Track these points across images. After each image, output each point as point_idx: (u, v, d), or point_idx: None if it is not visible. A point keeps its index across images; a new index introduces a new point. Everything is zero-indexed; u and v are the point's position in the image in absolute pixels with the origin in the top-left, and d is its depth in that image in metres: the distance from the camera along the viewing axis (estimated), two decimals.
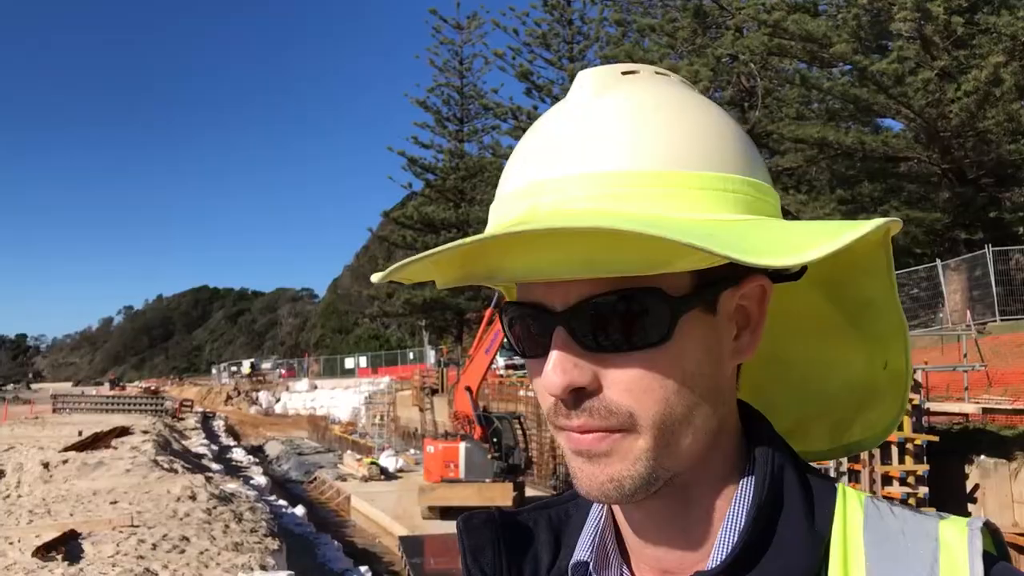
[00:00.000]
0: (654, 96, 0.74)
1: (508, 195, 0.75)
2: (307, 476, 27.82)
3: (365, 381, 48.27)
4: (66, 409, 47.62)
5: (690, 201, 0.68)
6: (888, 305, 0.83)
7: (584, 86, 0.75)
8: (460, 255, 0.73)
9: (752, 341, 0.77)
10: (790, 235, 0.65)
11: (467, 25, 43.98)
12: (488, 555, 0.86)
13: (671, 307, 0.69)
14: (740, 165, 0.73)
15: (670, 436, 0.71)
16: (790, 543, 0.72)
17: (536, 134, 0.76)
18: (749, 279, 0.74)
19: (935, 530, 0.71)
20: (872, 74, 19.17)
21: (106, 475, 17.82)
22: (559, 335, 0.71)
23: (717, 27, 24.85)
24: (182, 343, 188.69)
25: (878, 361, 0.87)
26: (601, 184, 0.69)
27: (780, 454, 0.77)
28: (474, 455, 17.53)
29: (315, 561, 15.05)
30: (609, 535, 0.83)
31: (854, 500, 0.75)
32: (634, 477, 0.71)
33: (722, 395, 0.75)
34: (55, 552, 10.35)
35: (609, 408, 0.70)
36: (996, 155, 20.07)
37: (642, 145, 0.70)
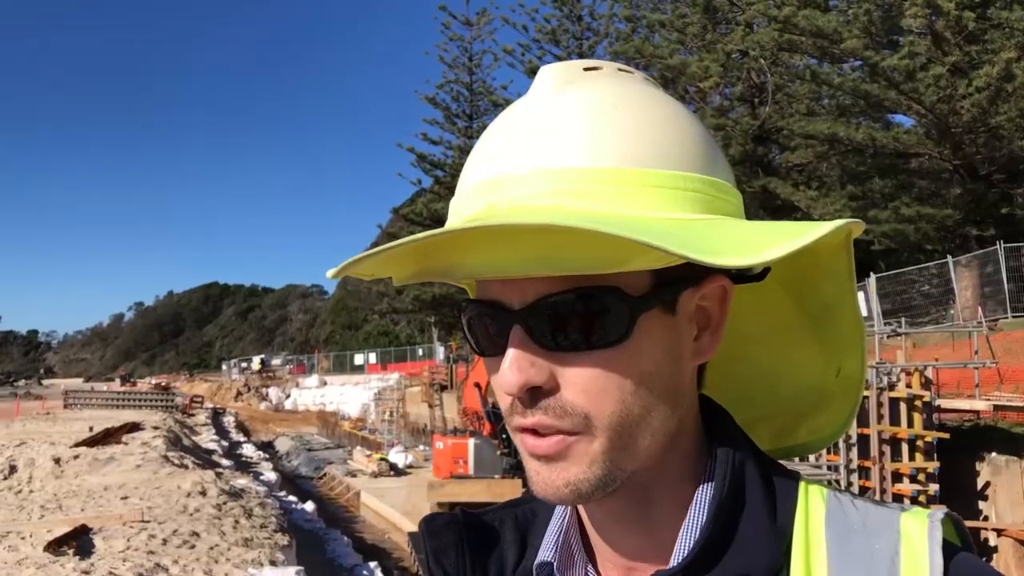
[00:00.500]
0: (614, 93, 0.73)
1: (466, 191, 0.74)
2: (317, 472, 27.90)
3: (375, 377, 48.37)
4: (77, 405, 47.80)
5: (648, 199, 0.68)
6: (846, 310, 0.82)
7: (545, 81, 0.74)
8: (416, 251, 0.73)
9: (712, 342, 0.76)
10: (749, 235, 0.65)
11: (476, 21, 43.89)
12: (451, 556, 0.85)
13: (629, 306, 0.69)
14: (700, 164, 0.72)
15: (627, 438, 0.70)
16: (752, 540, 0.71)
17: (496, 129, 0.75)
18: (710, 279, 0.74)
19: (896, 522, 0.71)
20: (883, 70, 19.09)
21: (117, 470, 17.89)
22: (516, 333, 0.70)
23: (727, 23, 24.79)
24: (192, 339, 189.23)
25: (832, 367, 0.86)
26: (558, 181, 0.68)
27: (741, 451, 0.76)
28: (483, 451, 17.55)
29: (325, 557, 15.08)
30: (574, 534, 0.82)
31: (816, 494, 0.75)
32: (591, 480, 0.70)
33: (681, 396, 0.75)
34: (66, 547, 10.40)
35: (564, 408, 0.69)
36: (1008, 151, 19.97)
37: (600, 142, 0.69)
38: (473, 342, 0.77)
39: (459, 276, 0.73)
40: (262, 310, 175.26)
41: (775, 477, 0.76)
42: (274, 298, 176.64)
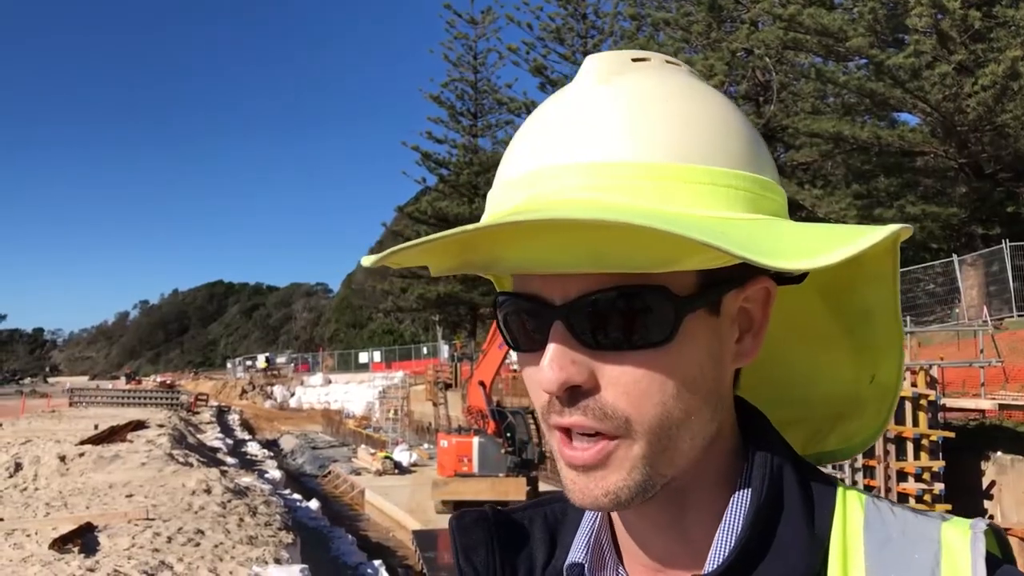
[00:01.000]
0: (662, 86, 0.71)
1: (507, 182, 0.72)
2: (321, 470, 27.94)
3: (379, 375, 48.37)
4: (82, 403, 47.93)
5: (695, 196, 0.66)
6: (887, 316, 0.80)
7: (591, 72, 0.72)
8: (458, 243, 0.70)
9: (754, 345, 0.75)
10: (803, 238, 0.63)
11: (481, 20, 43.87)
12: (481, 554, 0.84)
13: (676, 307, 0.67)
14: (747, 161, 0.70)
15: (667, 442, 0.69)
16: (789, 546, 0.70)
17: (538, 120, 0.73)
18: (753, 281, 0.72)
19: (937, 532, 0.69)
20: (888, 68, 19.04)
21: (122, 468, 17.94)
22: (557, 330, 0.68)
23: (732, 21, 24.75)
24: (197, 337, 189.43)
25: (865, 374, 0.84)
26: (603, 175, 0.66)
27: (779, 454, 0.74)
28: (488, 450, 17.55)
29: (329, 555, 15.11)
30: (605, 535, 0.81)
31: (854, 501, 0.73)
32: (630, 487, 0.69)
33: (722, 399, 0.73)
34: (71, 544, 10.42)
35: (604, 410, 0.68)
36: (1014, 149, 19.90)
37: (647, 136, 0.67)
38: (509, 337, 0.75)
39: (501, 269, 0.70)
40: (267, 308, 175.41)
41: (813, 482, 0.74)
42: (279, 296, 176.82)
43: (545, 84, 36.34)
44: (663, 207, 0.65)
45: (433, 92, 44.24)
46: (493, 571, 0.84)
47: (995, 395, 13.49)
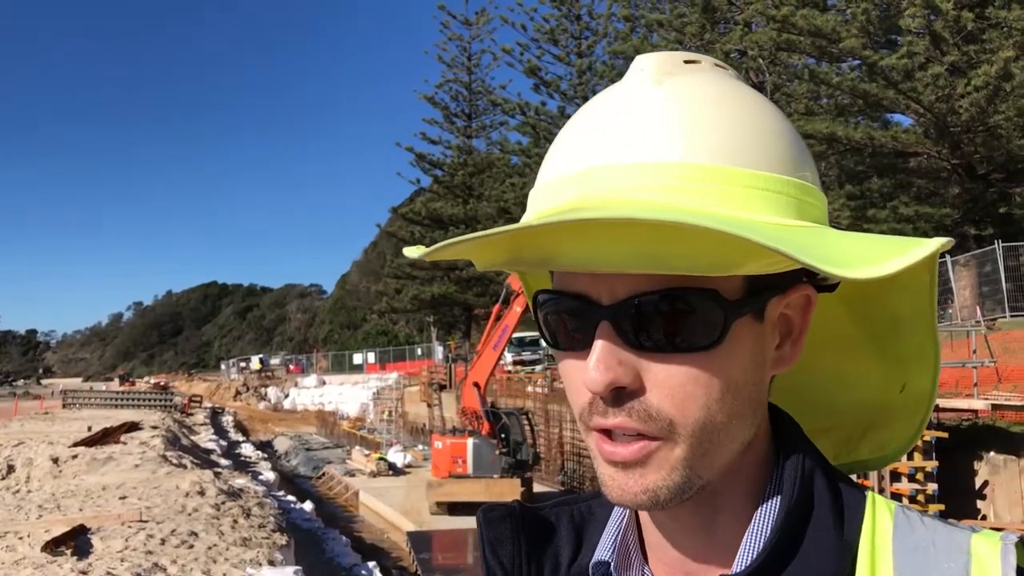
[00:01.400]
0: (714, 89, 0.71)
1: (557, 179, 0.72)
2: (315, 472, 27.89)
3: (373, 377, 48.40)
4: (76, 404, 47.79)
5: (746, 200, 0.66)
6: (921, 325, 0.81)
7: (643, 72, 0.72)
8: (512, 238, 0.71)
9: (793, 352, 0.75)
10: (857, 246, 0.63)
11: (475, 21, 43.92)
12: (507, 548, 0.84)
13: (725, 311, 0.67)
14: (794, 166, 0.71)
15: (708, 445, 0.69)
16: (817, 550, 0.70)
17: (589, 118, 0.73)
18: (795, 288, 0.73)
19: (967, 543, 0.69)
20: (881, 69, 19.10)
21: (115, 470, 17.88)
22: (604, 330, 0.68)
23: (726, 22, 24.80)
24: (191, 339, 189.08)
25: (894, 383, 0.85)
26: (657, 175, 0.66)
27: (810, 460, 0.75)
28: (482, 451, 17.55)
29: (323, 556, 15.08)
30: (632, 535, 0.82)
31: (884, 509, 0.74)
32: (670, 487, 0.69)
33: (761, 404, 0.74)
34: (64, 547, 10.39)
35: (649, 412, 0.68)
36: (1006, 150, 19.98)
37: (701, 138, 0.67)
38: (548, 335, 0.75)
39: (554, 266, 0.70)
40: (260, 309, 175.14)
41: (843, 489, 0.75)
42: (272, 297, 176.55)
43: (539, 85, 36.39)
44: (719, 210, 0.65)
45: (427, 93, 44.38)
46: (518, 565, 0.84)
47: (988, 395, 13.52)
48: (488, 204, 38.98)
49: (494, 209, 37.20)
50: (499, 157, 39.98)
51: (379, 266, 72.49)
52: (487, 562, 0.85)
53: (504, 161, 39.15)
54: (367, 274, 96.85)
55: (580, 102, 36.64)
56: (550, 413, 22.98)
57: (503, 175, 38.05)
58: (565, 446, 21.93)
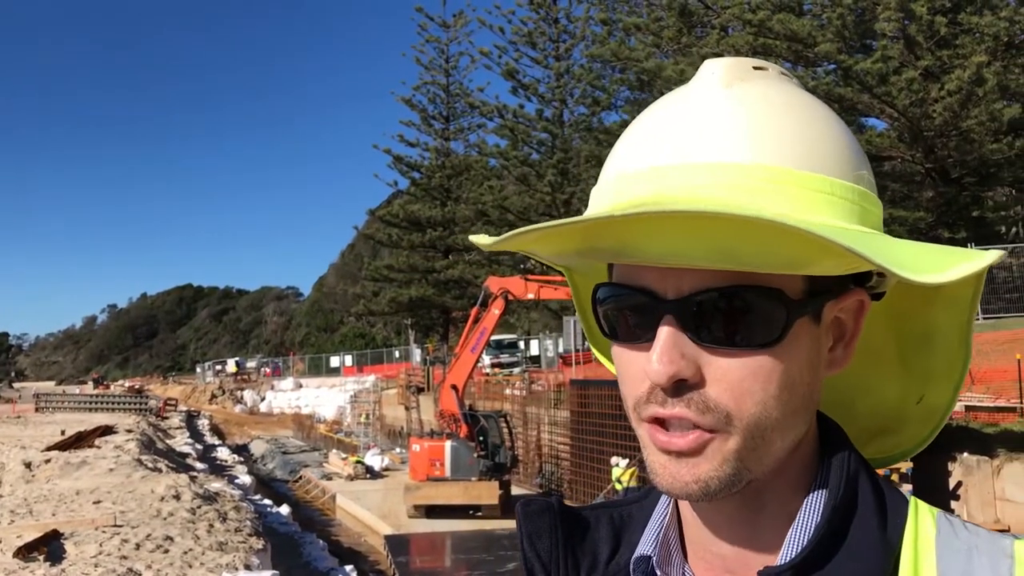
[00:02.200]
0: (782, 95, 0.74)
1: (626, 175, 0.74)
2: (292, 475, 27.76)
3: (350, 380, 48.17)
4: (49, 408, 47.40)
5: (813, 204, 0.68)
6: (954, 340, 0.83)
7: (713, 76, 0.74)
8: (585, 230, 0.72)
9: (846, 355, 0.78)
10: (919, 253, 0.65)
11: (453, 23, 43.95)
12: (545, 541, 0.86)
13: (788, 310, 0.69)
14: (855, 173, 0.73)
15: (760, 440, 0.71)
16: (862, 547, 0.72)
17: (660, 118, 0.75)
18: (850, 292, 0.75)
19: (1011, 548, 0.71)
20: (856, 73, 19.24)
21: (89, 474, 17.73)
22: (668, 323, 0.70)
23: (703, 26, 24.90)
24: (166, 342, 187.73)
25: (913, 394, 0.87)
26: (728, 175, 0.68)
27: (855, 461, 0.77)
28: (460, 454, 17.54)
29: (300, 560, 15.01)
30: (673, 532, 0.83)
31: (926, 514, 0.76)
32: (721, 478, 0.71)
33: (813, 404, 0.76)
34: (37, 552, 10.29)
35: (707, 404, 0.70)
36: (979, 154, 20.17)
37: (770, 141, 0.70)
38: (607, 327, 0.77)
39: (629, 259, 0.72)
40: (236, 312, 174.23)
41: (886, 492, 0.77)
42: (249, 300, 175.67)
43: (517, 88, 36.44)
44: (789, 212, 0.67)
45: (405, 95, 44.36)
46: (556, 559, 0.85)
47: (961, 397, 13.64)
48: (466, 207, 38.94)
49: (472, 211, 37.15)
50: (477, 160, 39.96)
51: (356, 268, 72.34)
52: (525, 554, 0.86)
53: (482, 164, 39.14)
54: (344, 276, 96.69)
55: (558, 105, 36.80)
56: (528, 416, 22.99)
57: (481, 177, 38.04)
58: (543, 448, 21.96)
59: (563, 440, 20.55)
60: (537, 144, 35.99)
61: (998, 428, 12.49)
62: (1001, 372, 14.61)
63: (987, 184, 22.48)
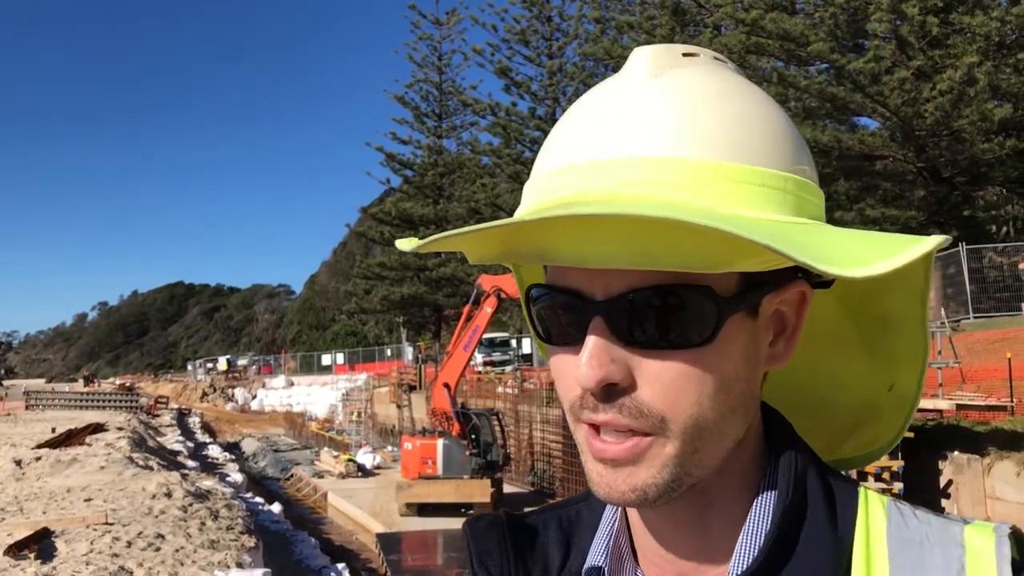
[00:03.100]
0: (712, 83, 0.70)
1: (553, 172, 0.71)
2: (284, 473, 27.72)
3: (342, 378, 48.14)
4: (39, 406, 47.21)
5: (743, 196, 0.66)
6: (913, 325, 0.80)
7: (641, 65, 0.71)
8: (507, 232, 0.70)
9: (787, 349, 0.75)
10: (854, 244, 0.63)
11: (446, 21, 43.84)
12: (496, 559, 0.83)
13: (719, 307, 0.67)
14: (793, 163, 0.70)
15: (699, 442, 0.68)
16: (814, 550, 0.70)
17: (586, 110, 0.72)
18: (790, 285, 0.72)
19: (960, 535, 0.69)
20: (849, 73, 19.29)
21: (80, 472, 17.67)
22: (597, 326, 0.67)
23: (695, 25, 24.92)
24: (157, 339, 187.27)
25: (883, 382, 0.84)
26: (655, 170, 0.66)
27: (803, 457, 0.74)
28: (452, 452, 17.54)
29: (292, 559, 14.99)
30: (624, 538, 0.81)
31: (877, 504, 0.74)
32: (659, 485, 0.68)
33: (753, 401, 0.73)
34: (27, 551, 10.25)
35: (640, 408, 0.67)
36: (970, 154, 20.24)
37: (700, 134, 0.67)
38: (540, 330, 0.74)
39: (549, 261, 0.69)
40: (228, 310, 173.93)
41: (835, 486, 0.74)
42: (240, 298, 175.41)
43: (510, 86, 36.39)
44: (716, 207, 0.65)
45: (398, 93, 44.17)
46: (508, 575, 0.83)
47: (952, 396, 13.71)
48: (459, 204, 38.91)
49: (464, 209, 37.12)
50: (470, 158, 39.90)
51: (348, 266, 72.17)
52: (475, 574, 0.83)
53: (475, 162, 39.08)
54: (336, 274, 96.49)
55: (551, 103, 36.77)
56: (520, 414, 23.00)
57: (474, 175, 37.99)
58: (535, 447, 21.96)
59: (555, 438, 20.55)
60: (530, 142, 35.94)
61: (989, 427, 12.53)
62: (991, 371, 14.65)
63: (978, 184, 22.57)
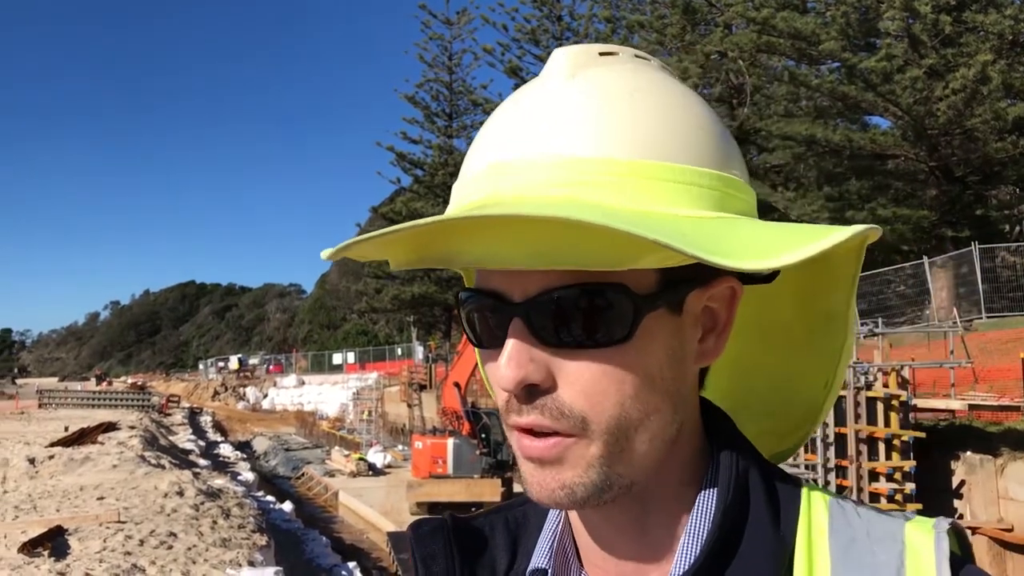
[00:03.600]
0: (630, 80, 0.70)
1: (471, 175, 0.71)
2: (295, 472, 27.80)
3: (353, 377, 48.18)
4: (52, 404, 47.42)
5: (660, 194, 0.65)
6: (846, 320, 0.79)
7: (557, 66, 0.71)
8: (415, 236, 0.70)
9: (718, 345, 0.74)
10: (764, 237, 0.62)
11: (456, 20, 43.85)
12: (440, 563, 0.82)
13: (635, 305, 0.66)
14: (716, 159, 0.69)
15: (624, 442, 0.68)
16: (755, 550, 0.69)
17: (504, 113, 0.72)
18: (718, 280, 0.71)
19: (901, 532, 0.69)
20: (860, 72, 19.23)
21: (92, 471, 17.75)
22: (516, 327, 0.67)
23: (706, 24, 24.89)
24: (169, 338, 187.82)
25: (822, 379, 0.84)
26: (566, 170, 0.65)
27: (745, 456, 0.74)
28: (462, 451, 17.55)
29: (303, 557, 15.03)
30: (568, 540, 0.80)
31: (819, 502, 0.73)
32: (586, 484, 0.68)
33: (683, 399, 0.72)
34: (41, 548, 10.30)
35: (562, 409, 0.67)
36: (983, 153, 20.16)
37: (614, 132, 0.66)
38: (471, 333, 0.74)
39: (459, 264, 0.70)
40: (239, 309, 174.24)
41: (778, 484, 0.74)
42: (251, 297, 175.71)
43: (520, 85, 36.35)
44: (627, 204, 0.64)
45: (408, 92, 44.17)
46: None
47: (965, 396, 13.66)
48: None
49: None
50: None
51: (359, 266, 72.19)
52: None
53: None
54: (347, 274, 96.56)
55: None
56: None
57: None
58: None
59: None
60: None
61: (1001, 427, 12.46)
62: (1005, 371, 14.58)
63: (991, 183, 22.46)
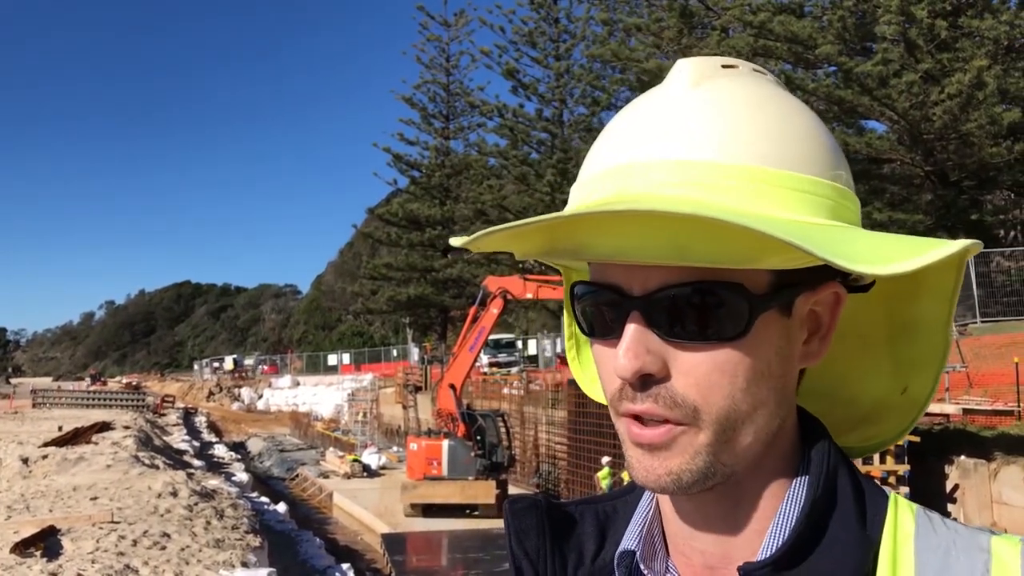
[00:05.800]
0: (751, 92, 0.75)
1: (595, 175, 0.75)
2: (289, 473, 27.78)
3: (348, 378, 48.22)
4: (46, 404, 47.37)
5: (777, 200, 0.69)
6: (937, 330, 0.83)
7: (683, 74, 0.75)
8: (547, 229, 0.75)
9: (821, 347, 0.78)
10: (880, 245, 0.66)
11: (454, 22, 43.93)
12: (533, 539, 0.86)
13: (751, 304, 0.70)
14: (828, 169, 0.73)
15: (731, 433, 0.72)
16: (841, 542, 0.72)
17: (629, 118, 0.77)
18: (825, 285, 0.75)
19: (987, 543, 0.71)
20: (857, 76, 19.25)
21: (86, 471, 17.71)
22: (635, 319, 0.71)
23: (703, 27, 24.90)
24: (164, 339, 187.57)
25: (899, 384, 0.87)
26: (691, 173, 0.69)
27: (835, 456, 0.77)
28: (457, 453, 17.55)
29: (297, 558, 15.00)
30: (657, 527, 0.84)
31: (906, 509, 0.76)
32: (692, 471, 0.72)
33: (786, 397, 0.76)
34: (34, 548, 10.27)
35: (675, 399, 0.71)
36: (978, 158, 20.18)
37: (735, 139, 0.70)
38: (585, 324, 0.79)
39: (586, 257, 0.74)
40: (235, 310, 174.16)
41: (866, 488, 0.77)
42: (247, 297, 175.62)
43: (517, 87, 36.41)
44: (747, 208, 0.68)
45: (405, 94, 44.28)
46: (544, 556, 0.86)
47: (959, 400, 13.69)
48: (465, 206, 38.90)
49: (471, 211, 37.11)
50: (476, 159, 39.88)
51: (355, 267, 72.23)
52: (513, 552, 0.87)
53: (481, 163, 39.07)
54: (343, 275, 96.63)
55: (558, 105, 36.77)
56: (525, 415, 23.00)
57: (480, 177, 37.99)
58: (540, 448, 21.96)
59: (560, 440, 20.56)
60: (537, 144, 35.96)
61: (995, 431, 12.50)
62: (999, 375, 14.61)
63: (986, 188, 22.50)
